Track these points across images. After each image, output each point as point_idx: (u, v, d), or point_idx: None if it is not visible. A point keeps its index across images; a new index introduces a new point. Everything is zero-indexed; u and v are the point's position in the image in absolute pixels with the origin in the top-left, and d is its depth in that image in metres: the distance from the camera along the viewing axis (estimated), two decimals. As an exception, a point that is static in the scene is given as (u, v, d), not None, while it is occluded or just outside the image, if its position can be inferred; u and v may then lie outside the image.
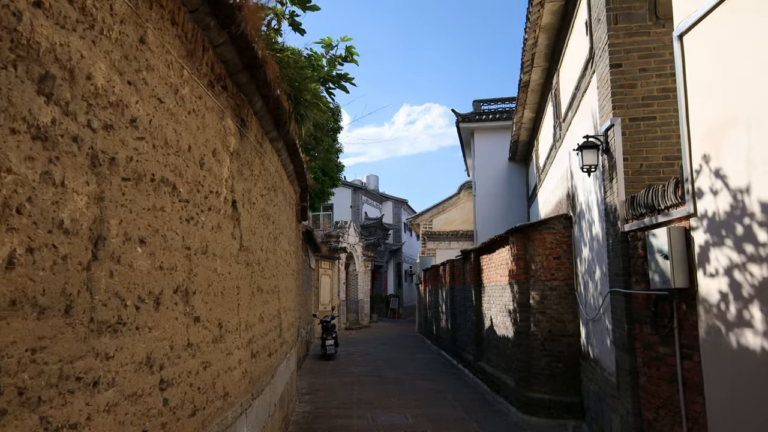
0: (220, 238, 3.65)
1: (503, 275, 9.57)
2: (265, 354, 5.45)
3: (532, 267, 8.12)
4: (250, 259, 4.65)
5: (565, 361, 7.67)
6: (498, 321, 10.01)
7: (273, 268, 5.99)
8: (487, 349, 10.95)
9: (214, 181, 3.56)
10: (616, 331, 5.30)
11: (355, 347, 17.89)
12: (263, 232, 5.33)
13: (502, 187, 16.62)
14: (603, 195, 5.64)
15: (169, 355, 2.69)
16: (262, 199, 5.26)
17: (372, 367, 13.08)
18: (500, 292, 9.83)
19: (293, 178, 7.85)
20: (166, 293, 2.67)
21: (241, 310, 4.29)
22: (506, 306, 9.37)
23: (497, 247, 10.06)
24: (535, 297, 8.03)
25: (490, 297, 10.75)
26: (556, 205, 9.50)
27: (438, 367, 13.23)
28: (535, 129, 12.57)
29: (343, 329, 25.22)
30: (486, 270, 11.09)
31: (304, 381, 11.22)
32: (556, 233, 7.96)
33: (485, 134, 16.88)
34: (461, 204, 25.31)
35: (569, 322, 7.73)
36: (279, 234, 6.54)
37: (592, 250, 6.51)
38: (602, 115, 5.56)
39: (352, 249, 27.43)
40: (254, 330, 4.84)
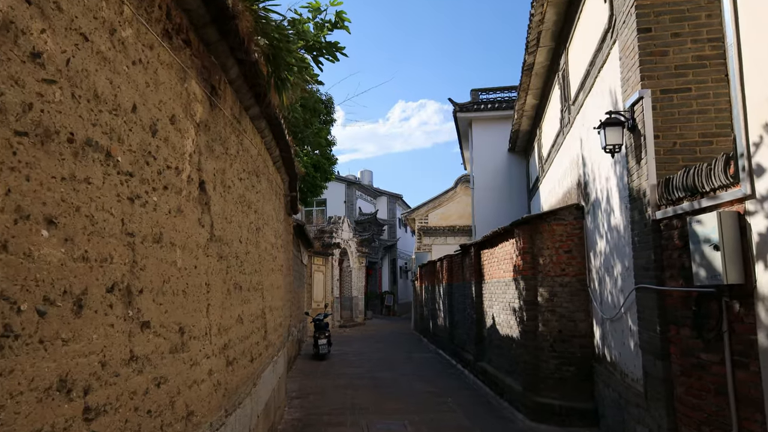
0: (181, 225, 2.99)
1: (507, 271, 8.94)
2: (246, 360, 4.80)
3: (540, 261, 7.50)
4: (225, 252, 3.99)
5: (577, 363, 7.06)
6: (501, 319, 9.39)
7: (255, 262, 5.33)
8: (489, 349, 10.34)
9: (173, 155, 2.90)
10: (643, 333, 4.68)
11: (349, 346, 17.25)
12: (242, 221, 4.67)
13: (502, 179, 16.00)
14: (627, 179, 5.01)
15: (99, 374, 2.03)
16: (240, 184, 4.60)
17: (367, 368, 12.45)
18: (503, 288, 9.20)
19: (280, 165, 7.18)
20: (94, 292, 2.01)
21: (213, 311, 3.64)
22: (510, 304, 8.75)
23: (500, 241, 9.43)
24: (543, 294, 7.40)
25: (491, 294, 10.13)
26: (564, 195, 8.87)
27: (436, 368, 12.62)
28: (538, 117, 11.93)
29: (337, 327, 24.59)
30: (487, 265, 10.46)
31: (294, 383, 10.58)
32: (567, 225, 7.33)
33: (484, 124, 16.24)
34: (458, 198, 24.69)
35: (581, 322, 7.12)
36: (263, 225, 5.89)
37: (610, 242, 5.89)
38: (626, 88, 4.93)
39: (346, 245, 26.78)
40: (230, 333, 4.18)
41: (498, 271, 9.58)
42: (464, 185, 24.61)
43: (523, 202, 15.74)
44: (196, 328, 3.23)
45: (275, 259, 7.08)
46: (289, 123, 9.33)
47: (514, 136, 14.05)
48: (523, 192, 15.79)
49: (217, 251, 3.75)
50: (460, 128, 17.15)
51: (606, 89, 5.78)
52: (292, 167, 7.58)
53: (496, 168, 16.07)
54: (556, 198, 9.86)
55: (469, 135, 17.03)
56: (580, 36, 7.28)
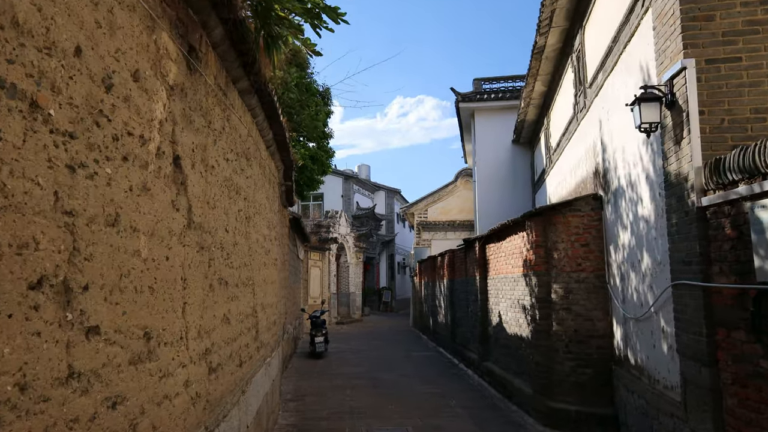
0: (147, 206, 2.43)
1: (516, 266, 8.41)
2: (233, 365, 4.26)
3: (554, 256, 6.96)
4: (207, 242, 3.44)
5: (595, 366, 6.53)
6: (509, 317, 8.87)
7: (245, 255, 4.79)
8: (495, 349, 9.82)
9: (137, 119, 2.34)
10: (683, 335, 4.15)
11: (346, 344, 16.73)
12: (229, 208, 4.12)
13: (505, 172, 15.45)
14: (661, 163, 4.47)
15: (15, 402, 1.48)
16: (227, 166, 4.04)
17: (365, 368, 11.92)
18: (512, 285, 8.67)
19: (274, 151, 6.62)
20: (7, 289, 1.46)
21: (191, 310, 3.09)
22: (520, 301, 8.22)
23: (508, 235, 8.89)
24: (558, 291, 6.87)
25: (498, 290, 9.60)
26: (577, 186, 8.33)
27: (438, 367, 12.10)
28: (546, 106, 11.39)
29: (334, 323, 24.07)
30: (493, 260, 9.93)
31: (290, 384, 10.04)
32: (584, 216, 6.80)
33: (487, 115, 15.68)
34: (458, 192, 24.15)
35: (599, 321, 6.59)
36: (254, 214, 5.33)
37: (636, 234, 5.35)
38: (663, 60, 4.38)
39: (343, 240, 26.24)
40: (214, 336, 3.63)
41: (505, 267, 9.05)
42: (465, 179, 24.08)
43: (528, 195, 15.20)
44: (167, 331, 2.68)
45: (268, 253, 6.54)
46: (283, 104, 8.76)
47: (519, 126, 13.50)
48: (528, 185, 15.26)
49: (196, 240, 3.20)
50: (462, 119, 16.59)
51: (634, 65, 5.24)
52: (288, 153, 7.02)
53: (500, 160, 15.52)
54: (567, 189, 9.32)
55: (472, 126, 16.47)
56: (599, 12, 6.73)
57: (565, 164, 9.49)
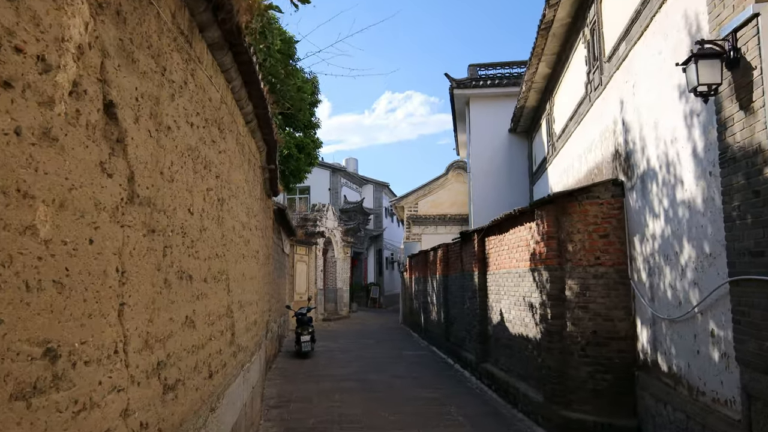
0: (54, 164, 1.63)
1: (522, 260, 7.70)
2: (200, 377, 3.47)
3: (568, 248, 6.25)
4: (161, 224, 2.65)
5: (616, 371, 5.84)
6: (512, 316, 8.16)
7: (217, 244, 4.00)
8: (495, 349, 9.11)
9: (31, 29, 1.55)
10: (746, 341, 3.44)
11: (334, 342, 15.96)
12: (196, 185, 3.32)
13: (501, 163, 14.76)
14: (718, 134, 3.75)
15: None
16: (192, 132, 3.24)
17: (355, 368, 11.16)
18: (516, 280, 7.96)
19: (254, 128, 5.81)
20: None
21: (133, 313, 2.29)
22: (526, 298, 7.51)
23: (512, 226, 8.17)
24: (573, 287, 6.16)
25: (499, 287, 8.89)
26: (589, 173, 7.63)
27: (432, 368, 11.37)
28: (549, 89, 10.68)
29: (321, 320, 23.29)
30: (494, 254, 9.21)
31: (273, 387, 9.25)
32: (603, 204, 6.09)
33: (482, 102, 14.96)
34: (449, 185, 23.46)
35: (620, 321, 5.89)
36: (230, 197, 4.54)
37: (674, 222, 4.64)
38: (720, 12, 3.66)
39: (331, 234, 25.43)
40: (171, 344, 2.84)
41: (509, 261, 8.33)
42: (457, 171, 23.39)
43: (524, 187, 14.53)
44: (90, 345, 1.89)
45: (248, 244, 5.74)
46: (264, 70, 7.94)
47: (518, 113, 12.79)
48: (525, 176, 14.58)
49: (143, 221, 2.40)
50: (456, 108, 15.86)
51: (673, 26, 4.52)
52: (270, 131, 6.21)
53: (496, 150, 14.82)
54: (575, 177, 8.62)
55: (466, 115, 15.75)
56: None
57: (572, 150, 8.79)
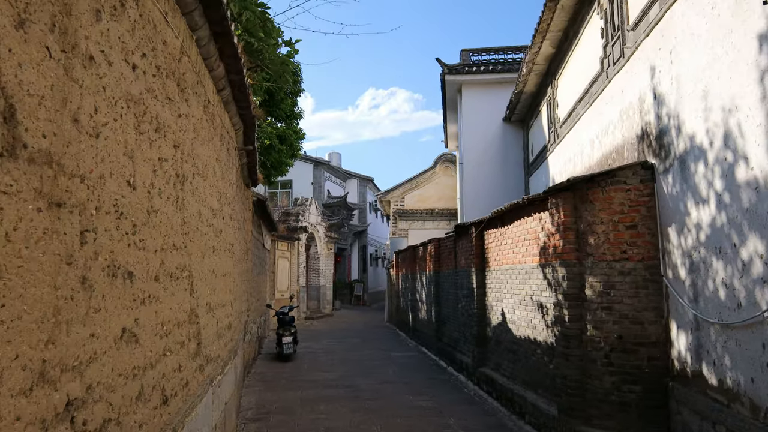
0: None
1: (529, 254, 6.93)
2: (146, 409, 2.60)
3: (589, 241, 5.47)
4: (75, 196, 1.76)
5: (645, 382, 5.08)
6: (517, 317, 7.39)
7: (176, 232, 3.13)
8: (496, 353, 8.34)
9: None
10: None
11: (317, 342, 15.08)
12: (140, 149, 2.44)
13: (495, 153, 14.00)
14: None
15: None
16: (134, 77, 2.36)
17: (341, 372, 10.32)
18: (522, 277, 7.19)
19: (228, 99, 4.91)
20: None
21: (8, 334, 1.44)
22: (534, 297, 6.74)
23: (517, 217, 7.40)
24: (594, 285, 5.39)
25: (501, 284, 8.11)
26: (605, 157, 6.87)
27: (424, 372, 10.58)
28: (552, 71, 9.92)
29: (303, 319, 22.38)
30: (495, 249, 8.43)
31: (251, 396, 8.37)
32: (630, 190, 5.32)
33: (476, 89, 14.18)
34: (437, 179, 22.72)
35: (651, 324, 5.14)
36: (195, 175, 3.66)
37: (732, 209, 3.89)
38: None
39: (314, 229, 24.50)
40: (93, 372, 1.96)
41: (513, 256, 7.56)
42: (445, 165, 22.65)
43: (519, 179, 13.80)
44: None
45: (221, 235, 4.86)
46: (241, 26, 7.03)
47: (515, 99, 12.02)
48: (519, 167, 13.84)
49: (35, 186, 1.53)
50: (447, 95, 15.05)
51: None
52: (247, 102, 5.31)
53: (489, 140, 14.05)
54: (584, 165, 7.87)
55: (458, 103, 14.96)
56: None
57: (581, 136, 8.03)
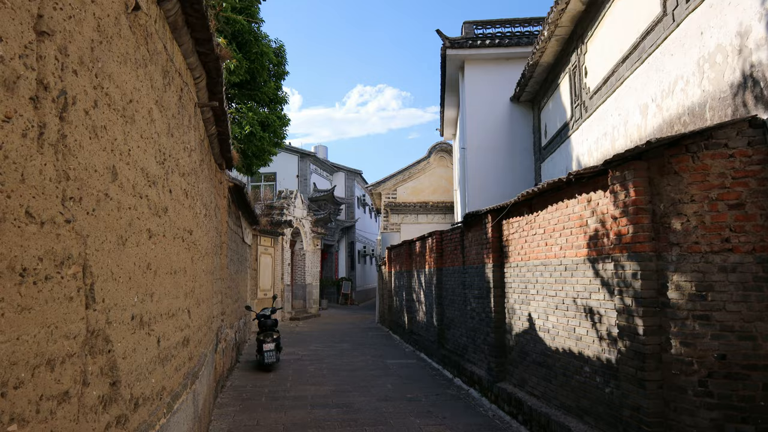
0: None
1: (571, 246, 5.51)
2: None
3: (673, 226, 4.06)
4: None
5: (759, 419, 3.68)
6: (553, 324, 5.97)
7: (48, 195, 1.68)
8: (521, 366, 6.92)
9: None
10: None
11: (303, 347, 13.57)
12: None
13: (502, 137, 12.59)
14: None
15: None
16: None
17: (332, 386, 8.84)
18: (560, 275, 5.78)
19: (178, 22, 3.42)
20: None
21: None
22: (580, 300, 5.32)
23: (552, 201, 5.98)
24: (682, 286, 3.98)
25: (527, 283, 6.70)
26: (668, 125, 5.47)
27: (427, 385, 9.13)
28: (579, 34, 8.51)
29: (288, 319, 20.85)
30: (518, 241, 7.01)
31: (224, 420, 6.86)
32: (734, 156, 3.90)
33: (480, 66, 12.74)
34: (431, 170, 21.30)
35: (767, 340, 3.73)
36: (102, 105, 2.16)
37: None
38: None
39: (299, 223, 22.94)
40: None
41: (545, 249, 6.14)
42: (440, 155, 21.24)
43: (528, 165, 12.41)
44: None
45: (164, 214, 3.35)
46: None
47: (528, 73, 10.60)
48: (528, 153, 12.45)
49: None
50: (447, 73, 13.59)
51: None
52: (207, 37, 3.79)
53: (495, 124, 12.64)
54: (629, 138, 6.48)
55: (460, 81, 13.52)
56: None
57: (627, 102, 6.63)
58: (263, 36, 16.69)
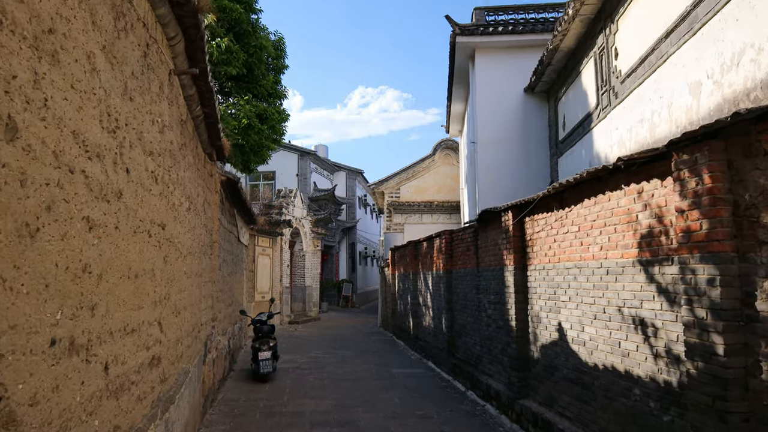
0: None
1: (617, 246, 4.71)
2: None
3: (763, 220, 3.25)
4: None
5: None
6: (589, 335, 5.16)
7: None
8: (548, 382, 6.10)
9: None
10: None
11: (302, 353, 12.75)
12: None
13: (515, 131, 11.78)
14: None
15: None
16: None
17: (333, 400, 8.02)
18: (601, 279, 4.97)
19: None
20: None
21: None
22: (627, 309, 4.51)
23: (590, 193, 5.18)
24: (777, 295, 3.16)
25: (557, 288, 5.89)
26: (728, 103, 4.67)
27: (438, 399, 8.31)
28: (608, 12, 7.71)
29: (287, 323, 20.04)
30: (545, 240, 6.20)
31: (211, 442, 6.05)
32: None
33: (492, 55, 11.93)
34: (436, 168, 20.50)
35: None
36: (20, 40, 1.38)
37: None
38: None
39: (299, 224, 22.13)
40: None
41: (581, 249, 5.33)
42: (445, 153, 20.44)
43: (544, 161, 11.60)
44: None
45: (118, 199, 2.55)
46: None
47: (547, 59, 9.79)
48: (544, 148, 11.65)
49: None
50: (456, 62, 12.78)
51: None
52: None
53: (507, 116, 11.83)
54: (675, 123, 5.68)
55: (470, 72, 12.73)
56: None
57: (670, 83, 5.83)
58: (262, 28, 15.92)
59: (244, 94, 15.91)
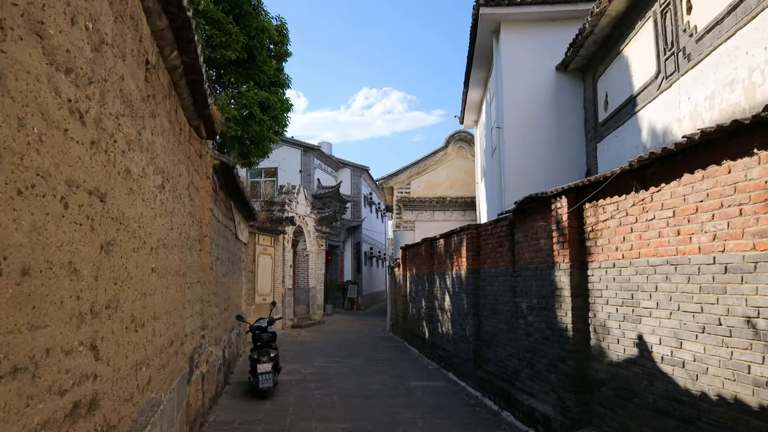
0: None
1: (742, 232, 3.45)
2: None
3: None
4: None
5: None
6: (695, 355, 3.88)
7: None
8: (622, 410, 4.81)
9: None
10: None
11: (306, 363, 11.46)
12: None
13: (547, 113, 10.50)
14: None
15: None
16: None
17: (345, 423, 6.74)
18: (713, 280, 3.70)
19: None
20: None
21: None
22: (764, 320, 3.23)
23: (696, 165, 3.90)
24: None
25: (638, 291, 4.61)
26: None
27: (468, 420, 7.02)
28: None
29: (290, 327, 18.77)
30: (616, 230, 4.92)
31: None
32: None
33: (519, 29, 10.66)
34: (449, 161, 19.22)
35: None
36: None
37: None
38: None
39: (302, 221, 20.86)
40: None
41: (677, 239, 4.06)
42: (458, 145, 19.16)
43: (579, 147, 10.32)
44: None
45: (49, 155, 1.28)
46: None
47: (589, 28, 8.50)
48: (579, 132, 10.37)
49: None
50: (477, 41, 11.49)
51: None
52: None
53: (538, 97, 10.56)
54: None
55: (494, 49, 11.44)
56: None
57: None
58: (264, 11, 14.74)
59: (244, 82, 14.67)
